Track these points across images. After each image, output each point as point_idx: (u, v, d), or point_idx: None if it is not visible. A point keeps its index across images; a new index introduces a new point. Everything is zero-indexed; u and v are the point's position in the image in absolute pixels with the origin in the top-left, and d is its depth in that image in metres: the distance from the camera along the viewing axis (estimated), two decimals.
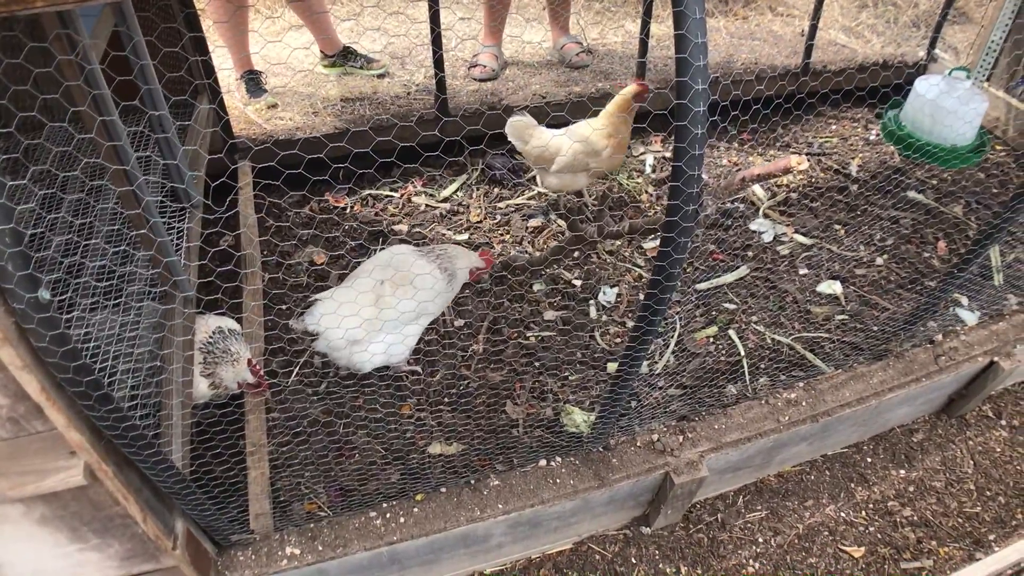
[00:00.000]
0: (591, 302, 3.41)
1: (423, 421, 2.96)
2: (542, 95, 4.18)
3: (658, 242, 3.74)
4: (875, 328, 3.33)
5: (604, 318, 3.34)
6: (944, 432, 3.31)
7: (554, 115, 3.71)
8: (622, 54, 4.65)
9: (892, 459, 3.19)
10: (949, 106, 3.75)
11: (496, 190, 3.95)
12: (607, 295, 3.43)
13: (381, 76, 4.51)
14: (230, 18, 4.04)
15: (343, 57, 4.50)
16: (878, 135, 4.57)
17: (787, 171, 3.01)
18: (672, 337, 3.27)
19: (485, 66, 4.45)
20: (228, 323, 2.80)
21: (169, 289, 2.55)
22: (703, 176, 1.66)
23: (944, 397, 3.26)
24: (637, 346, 2.04)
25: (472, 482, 2.52)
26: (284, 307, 3.32)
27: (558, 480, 2.52)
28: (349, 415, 2.93)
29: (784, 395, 2.80)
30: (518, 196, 3.92)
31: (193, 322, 2.69)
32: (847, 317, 3.43)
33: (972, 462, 3.21)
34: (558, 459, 2.57)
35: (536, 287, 3.46)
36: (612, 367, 3.13)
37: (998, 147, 4.59)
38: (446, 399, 3.03)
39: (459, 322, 3.28)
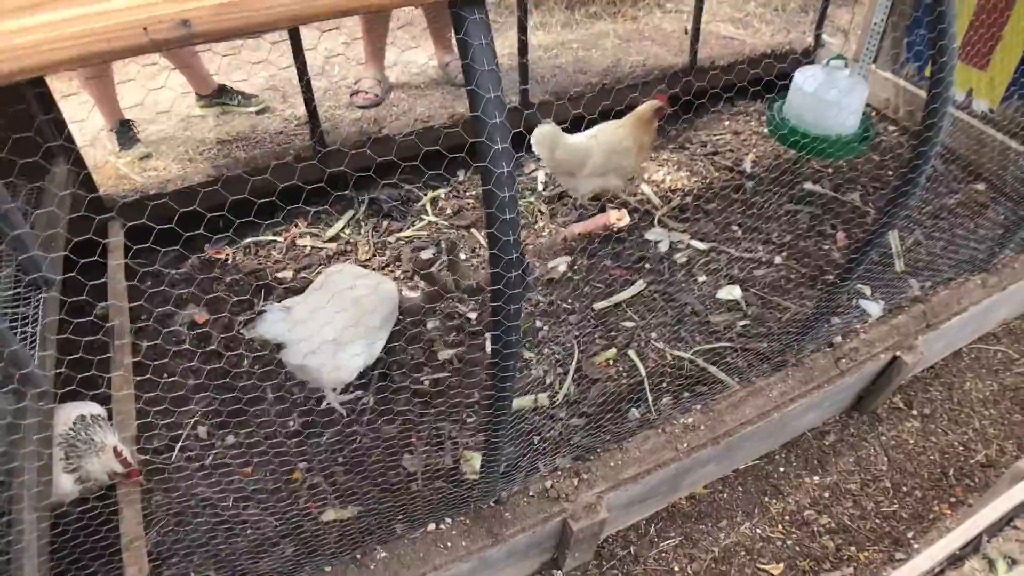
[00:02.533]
0: (487, 335, 3.22)
1: (317, 486, 2.74)
2: (424, 119, 3.97)
3: (550, 266, 3.59)
4: (776, 332, 3.20)
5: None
6: (856, 430, 3.20)
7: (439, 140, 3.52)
8: (510, 66, 4.46)
9: (805, 466, 3.07)
10: (830, 97, 3.64)
11: (385, 223, 3.73)
12: None
13: (261, 112, 4.26)
14: (93, 73, 3.76)
15: (219, 96, 4.24)
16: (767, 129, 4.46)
17: (606, 228, 2.86)
18: (571, 365, 3.09)
19: (367, 92, 4.23)
20: (91, 409, 2.54)
21: (18, 386, 2.28)
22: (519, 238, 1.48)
23: (852, 395, 3.16)
24: (494, 416, 1.85)
25: (359, 556, 2.31)
26: (166, 376, 3.06)
27: (449, 543, 2.33)
28: (237, 488, 2.69)
29: (681, 420, 2.64)
30: (408, 228, 3.71)
31: (51, 418, 2.44)
32: (748, 323, 3.30)
33: (886, 458, 3.11)
34: (448, 520, 2.38)
35: (429, 324, 3.26)
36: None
37: (891, 128, 4.53)
38: (339, 459, 2.81)
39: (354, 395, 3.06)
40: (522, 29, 3.76)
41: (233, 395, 2.98)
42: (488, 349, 3.17)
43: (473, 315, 3.29)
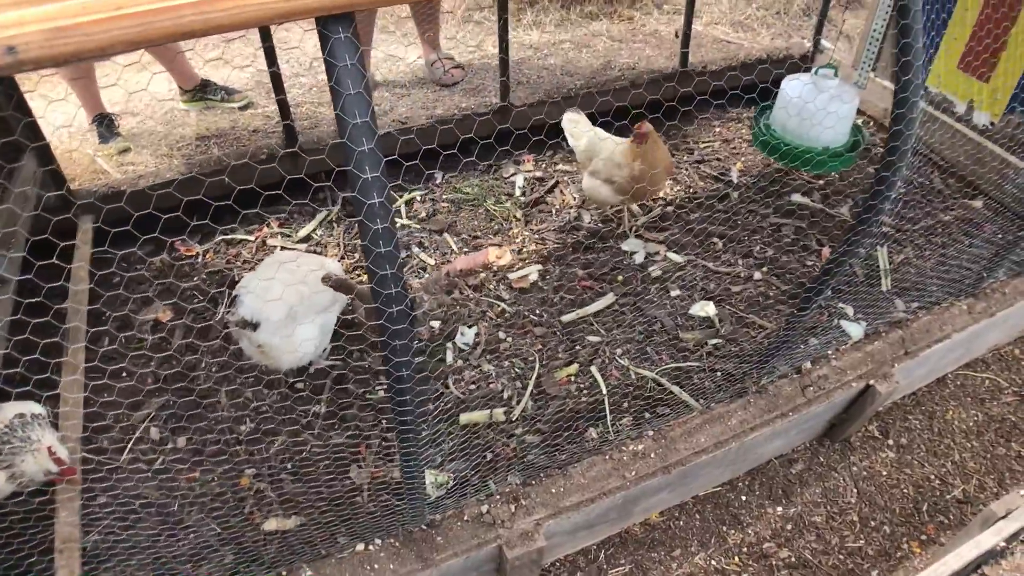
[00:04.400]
0: (448, 345, 3.10)
1: (263, 493, 2.65)
2: (402, 121, 3.84)
3: (520, 275, 3.46)
4: (749, 353, 3.04)
5: (460, 363, 3.03)
6: (826, 460, 3.05)
7: (418, 141, 3.39)
8: (497, 66, 4.31)
9: (768, 495, 2.92)
10: (818, 106, 3.46)
11: (357, 225, 3.62)
12: (465, 336, 3.12)
13: (244, 108, 4.16)
14: (75, 75, 3.69)
15: (202, 91, 4.14)
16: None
17: (486, 267, 2.72)
18: (531, 379, 2.97)
19: None
20: (31, 408, 2.47)
21: None
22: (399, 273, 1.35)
23: (823, 423, 3.00)
24: (402, 447, 1.74)
25: (283, 573, 2.21)
26: (123, 376, 2.99)
27: (376, 565, 2.22)
28: (183, 491, 2.61)
29: (631, 447, 2.51)
30: None
31: None
32: (721, 341, 3.14)
33: (855, 490, 2.95)
34: (377, 542, 2.27)
35: None
36: (464, 418, 2.83)
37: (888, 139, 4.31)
38: (288, 467, 2.71)
39: (300, 383, 2.95)
40: (503, 26, 3.62)
41: (189, 397, 2.90)
42: (448, 359, 3.05)
43: (436, 324, 3.17)
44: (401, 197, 3.77)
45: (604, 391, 2.91)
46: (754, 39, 4.84)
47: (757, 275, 3.45)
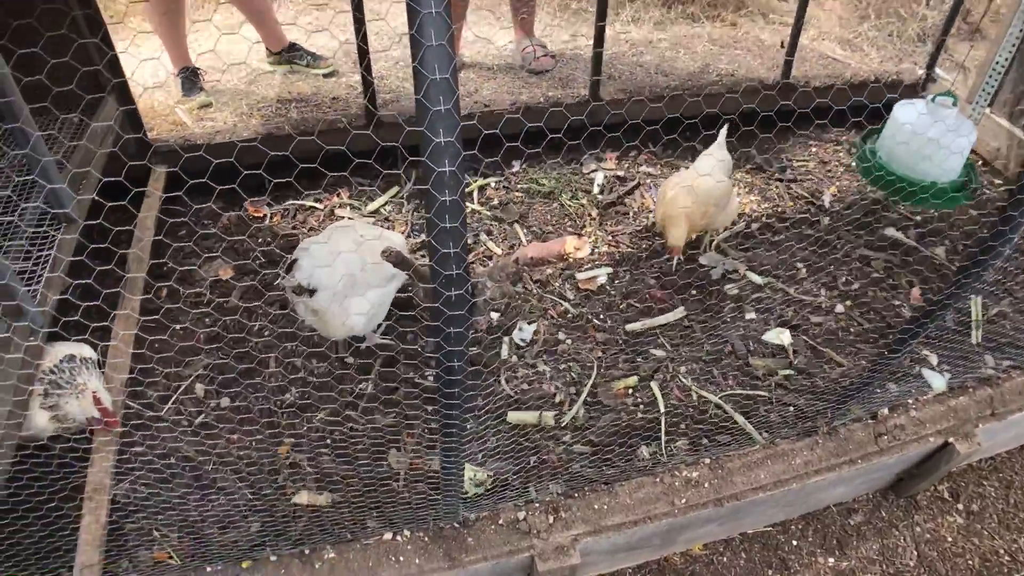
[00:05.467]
0: (505, 339, 2.99)
1: (299, 465, 2.59)
2: (485, 103, 3.75)
3: (588, 276, 3.33)
4: (821, 390, 2.86)
5: (514, 359, 2.93)
6: (888, 515, 2.84)
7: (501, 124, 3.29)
8: (589, 58, 4.18)
9: (822, 544, 2.73)
10: (932, 136, 3.23)
11: None
12: (523, 332, 3.02)
13: (329, 75, 4.12)
14: (165, 9, 3.69)
15: (289, 53, 4.12)
16: (854, 163, 4.05)
17: (561, 257, 2.47)
18: (586, 386, 2.84)
19: None
20: (82, 350, 2.46)
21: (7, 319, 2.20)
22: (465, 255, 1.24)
23: (891, 475, 2.79)
24: (444, 443, 1.64)
25: (306, 552, 2.14)
26: (178, 327, 2.98)
27: (402, 558, 2.13)
28: (220, 452, 2.58)
29: (684, 473, 2.36)
30: None
31: (37, 354, 2.36)
32: (793, 373, 2.96)
33: (916, 553, 2.74)
34: (406, 532, 2.18)
35: None
36: (513, 417, 2.73)
37: (996, 182, 4.04)
38: (328, 442, 2.66)
39: (349, 359, 2.89)
40: (601, 16, 3.48)
41: (239, 358, 2.87)
42: (503, 354, 2.95)
43: (495, 315, 3.07)
44: (475, 182, 3.68)
45: (662, 409, 2.77)
46: (862, 60, 4.58)
47: (839, 308, 3.25)
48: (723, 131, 3.26)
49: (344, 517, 2.36)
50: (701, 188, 3.05)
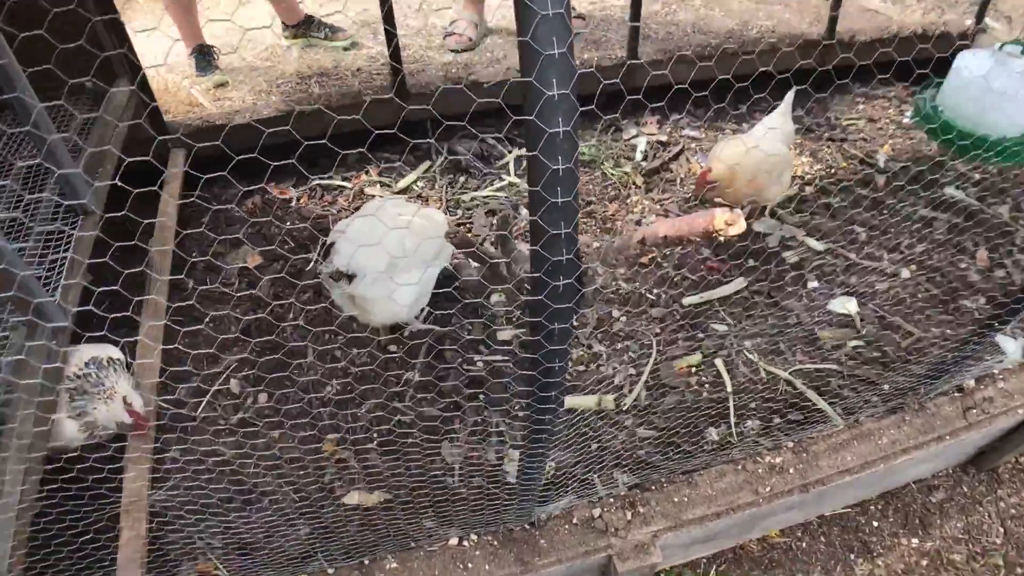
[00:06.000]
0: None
1: (346, 463, 2.42)
2: (517, 70, 3.51)
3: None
4: (893, 360, 2.67)
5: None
6: (970, 490, 2.66)
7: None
8: (620, 19, 3.96)
9: (904, 524, 2.56)
10: (1000, 87, 3.00)
11: (462, 179, 3.34)
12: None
13: (349, 48, 3.90)
14: None
15: (306, 27, 3.90)
16: (912, 119, 3.82)
17: (708, 235, 1.97)
18: (646, 366, 2.66)
19: (461, 35, 3.80)
20: (109, 351, 2.28)
21: (32, 318, 2.01)
22: (575, 235, 1.02)
23: (973, 449, 2.61)
24: (532, 447, 1.45)
25: (366, 562, 1.98)
26: (206, 322, 2.79)
27: (470, 564, 1.96)
28: (260, 453, 2.41)
29: (767, 459, 2.18)
30: (486, 187, 3.31)
31: (61, 357, 2.18)
32: (862, 344, 2.77)
33: (1002, 529, 2.56)
34: (473, 537, 2.01)
35: (493, 299, 2.87)
36: (570, 401, 2.55)
37: None
38: (375, 436, 2.49)
39: (392, 346, 2.70)
40: None
41: (273, 349, 2.69)
42: None
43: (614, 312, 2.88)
44: (510, 153, 3.47)
45: (729, 388, 2.59)
46: (903, 12, 4.33)
47: (905, 273, 3.04)
48: (789, 96, 3.01)
49: (398, 517, 2.20)
50: (751, 158, 2.84)
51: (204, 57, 3.68)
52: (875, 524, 2.55)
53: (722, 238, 2.83)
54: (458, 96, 3.36)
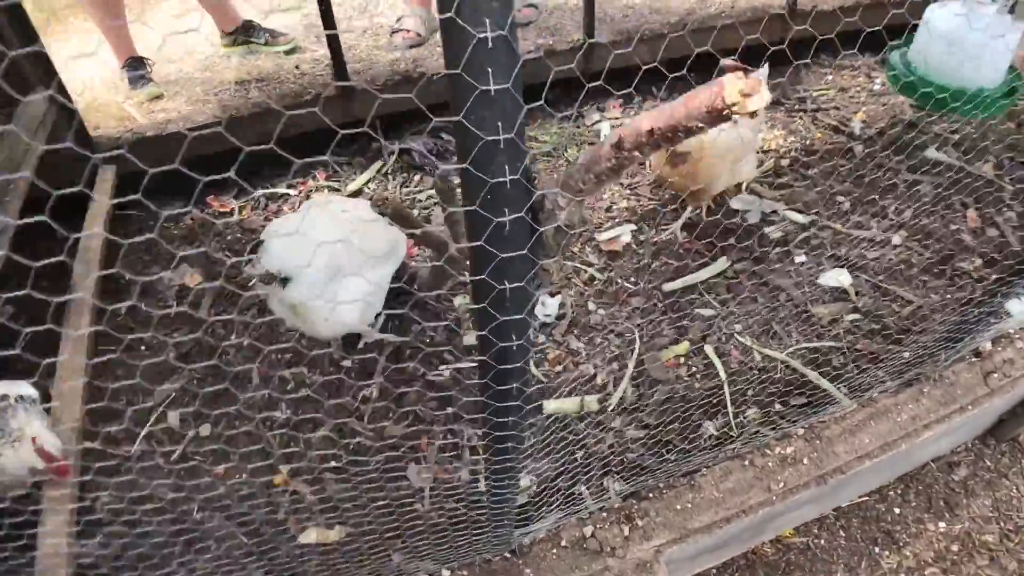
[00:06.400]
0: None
1: (300, 496, 2.06)
2: None
3: (610, 235, 2.80)
4: (895, 329, 2.37)
5: (542, 339, 2.41)
6: (994, 464, 2.35)
7: None
8: (575, 6, 3.66)
9: (928, 507, 2.24)
10: (974, 39, 2.73)
11: (417, 177, 3.01)
12: (547, 307, 2.50)
13: (290, 52, 3.56)
14: None
15: (244, 33, 3.56)
16: (884, 85, 3.55)
17: (717, 115, 1.11)
18: (630, 360, 2.32)
19: (409, 31, 3.48)
20: (18, 388, 1.91)
21: None
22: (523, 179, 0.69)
23: (994, 418, 2.30)
24: (494, 469, 1.11)
25: None
26: (142, 349, 2.43)
27: None
28: (204, 491, 2.04)
29: (777, 450, 1.85)
30: None
31: None
32: (859, 317, 2.46)
33: None
34: (445, 573, 1.65)
35: (457, 301, 2.52)
36: (550, 406, 2.20)
37: None
38: (332, 463, 2.12)
39: (347, 361, 2.35)
40: None
41: (216, 374, 2.33)
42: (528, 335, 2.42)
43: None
44: None
45: (723, 376, 2.26)
46: None
47: (896, 239, 2.75)
48: (763, 71, 2.68)
49: (363, 553, 1.84)
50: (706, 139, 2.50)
51: (136, 70, 3.32)
52: (896, 511, 2.22)
53: (738, 117, 2.46)
54: (407, 90, 3.04)
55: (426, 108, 1.19)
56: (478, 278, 0.84)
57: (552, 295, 2.53)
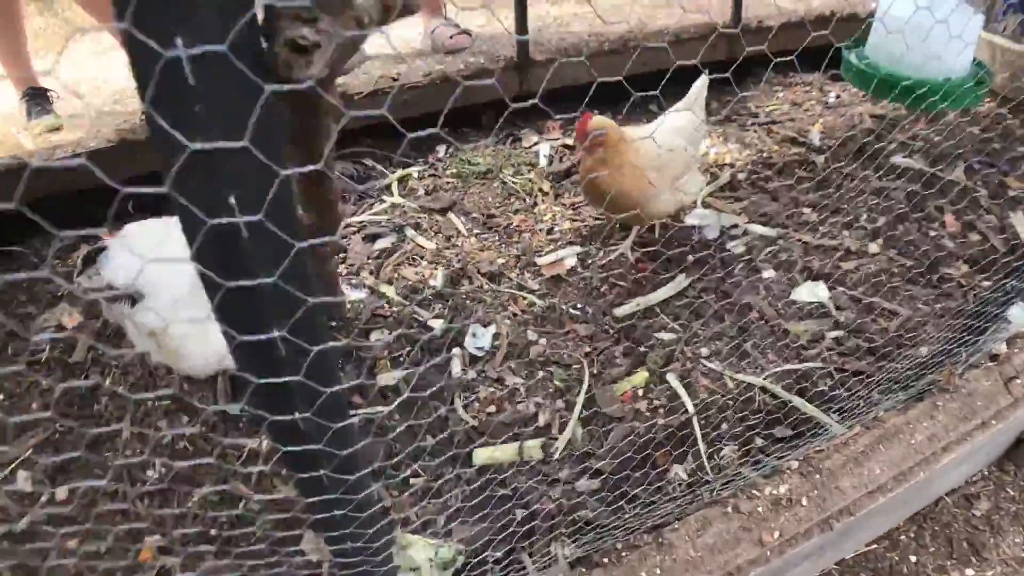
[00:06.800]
0: (455, 351, 2.01)
1: (172, 573, 1.54)
2: (393, 77, 2.83)
3: (552, 259, 2.38)
4: (880, 345, 1.96)
5: (472, 375, 1.94)
6: (1017, 492, 1.91)
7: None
8: (509, 34, 3.34)
9: (950, 552, 1.77)
10: (937, 29, 2.42)
11: (363, 186, 2.58)
12: (479, 339, 2.04)
13: (54, 129, 3.09)
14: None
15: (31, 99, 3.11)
16: (839, 97, 3.24)
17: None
18: (578, 395, 1.87)
19: (456, 33, 3.12)
20: None
21: None
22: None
23: (1011, 438, 1.87)
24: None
25: None
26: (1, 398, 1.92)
27: None
28: (56, 567, 1.51)
29: (767, 490, 1.39)
30: (363, 211, 2.54)
31: None
32: (842, 333, 2.05)
33: None
34: None
35: (373, 336, 2.06)
36: (481, 455, 1.73)
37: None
38: (212, 532, 1.62)
39: (233, 407, 1.86)
40: None
41: (81, 429, 1.82)
42: (455, 370, 1.96)
43: (437, 324, 2.09)
44: (392, 174, 2.73)
45: (691, 408, 1.81)
46: (809, 3, 3.82)
47: (873, 248, 2.37)
48: (697, 84, 2.32)
49: None
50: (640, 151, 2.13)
51: (36, 100, 2.91)
52: (913, 559, 1.76)
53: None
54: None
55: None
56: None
57: (485, 324, 2.08)
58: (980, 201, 2.61)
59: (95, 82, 3.32)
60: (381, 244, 2.38)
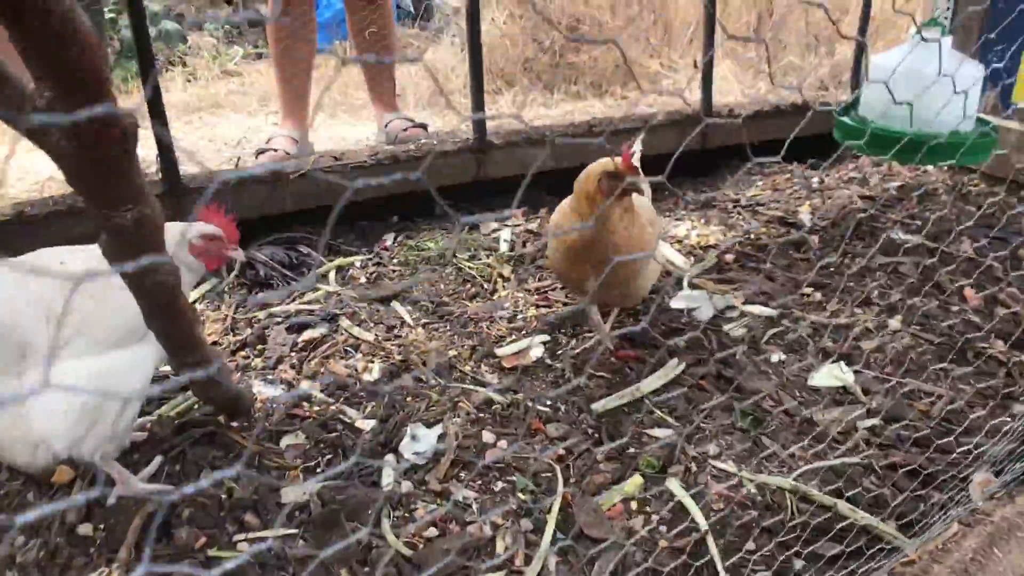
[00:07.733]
0: (387, 458, 1.48)
1: None
2: (336, 156, 2.45)
3: (514, 349, 1.87)
4: (932, 432, 1.47)
5: (407, 487, 1.41)
6: None
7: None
8: (466, 129, 3.03)
9: None
10: (934, 72, 2.11)
11: (260, 294, 2.11)
12: (419, 441, 1.52)
13: None
14: None
15: None
16: (822, 181, 2.92)
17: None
18: (550, 512, 1.34)
19: (277, 150, 2.75)
20: None
21: None
22: None
23: None
24: None
25: None
26: None
27: None
28: None
29: None
30: (292, 300, 2.07)
31: None
32: (877, 422, 1.56)
33: None
34: None
35: (285, 442, 1.53)
36: None
37: (967, 177, 2.95)
38: None
39: (84, 524, 1.29)
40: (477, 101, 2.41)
41: None
42: (385, 481, 1.43)
43: (367, 424, 1.57)
44: (331, 262, 2.29)
45: (703, 523, 1.28)
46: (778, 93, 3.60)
47: (893, 323, 1.93)
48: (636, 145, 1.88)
49: None
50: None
51: None
52: None
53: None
54: (258, 193, 2.26)
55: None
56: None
57: (429, 425, 1.56)
58: (996, 274, 2.22)
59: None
60: (309, 335, 1.89)
